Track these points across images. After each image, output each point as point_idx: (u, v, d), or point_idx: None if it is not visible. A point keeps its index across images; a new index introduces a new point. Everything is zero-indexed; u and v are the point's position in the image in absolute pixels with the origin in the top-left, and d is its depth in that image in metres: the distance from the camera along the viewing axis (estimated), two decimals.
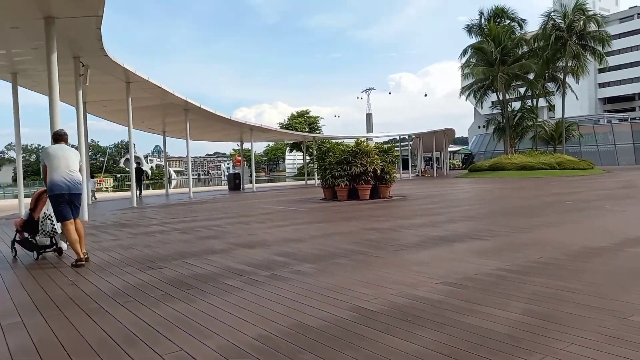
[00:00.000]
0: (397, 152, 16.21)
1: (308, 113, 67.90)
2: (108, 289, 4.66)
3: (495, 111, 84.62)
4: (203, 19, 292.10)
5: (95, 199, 22.71)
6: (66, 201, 5.94)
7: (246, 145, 33.09)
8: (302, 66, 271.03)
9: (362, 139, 15.77)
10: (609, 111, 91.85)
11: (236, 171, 36.78)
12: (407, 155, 48.30)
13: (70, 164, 6.03)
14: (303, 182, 38.18)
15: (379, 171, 15.50)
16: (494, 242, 6.57)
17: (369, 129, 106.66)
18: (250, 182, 29.87)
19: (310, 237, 7.69)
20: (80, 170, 6.22)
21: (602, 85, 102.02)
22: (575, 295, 3.86)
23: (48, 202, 6.15)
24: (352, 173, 15.25)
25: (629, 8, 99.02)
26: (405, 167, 44.56)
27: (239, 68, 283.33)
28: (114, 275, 5.27)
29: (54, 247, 6.52)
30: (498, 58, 34.36)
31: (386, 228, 8.37)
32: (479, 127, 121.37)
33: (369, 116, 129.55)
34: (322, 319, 3.49)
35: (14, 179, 74.64)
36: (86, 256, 6.07)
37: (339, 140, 17.31)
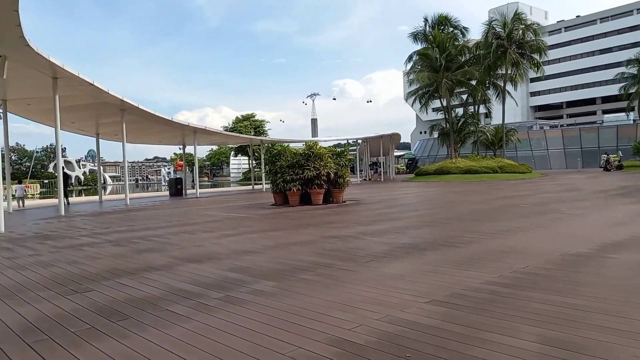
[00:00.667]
0: (350, 156, 15.63)
1: (254, 117, 66.58)
2: (15, 323, 3.62)
3: (438, 117, 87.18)
4: (142, 22, 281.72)
5: (23, 206, 20.57)
6: None
7: (188, 149, 31.54)
8: (246, 71, 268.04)
9: (314, 142, 15.08)
10: (540, 118, 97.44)
11: (178, 176, 35.03)
12: (354, 160, 48.40)
13: None
14: (250, 187, 37.01)
15: (332, 175, 14.88)
16: (467, 250, 6.06)
17: (314, 133, 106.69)
18: (193, 187, 28.38)
19: (266, 247, 6.86)
20: None
21: (533, 94, 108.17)
22: (587, 315, 3.32)
23: None
24: (305, 177, 14.53)
25: (557, 22, 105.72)
26: (352, 171, 44.53)
27: (180, 72, 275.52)
28: (27, 304, 4.21)
29: None
30: (443, 64, 35.02)
31: (348, 235, 7.70)
32: (421, 132, 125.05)
33: (314, 121, 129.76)
34: (294, 358, 2.71)
35: None
36: None
37: (287, 144, 16.65)
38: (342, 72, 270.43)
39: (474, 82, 38.14)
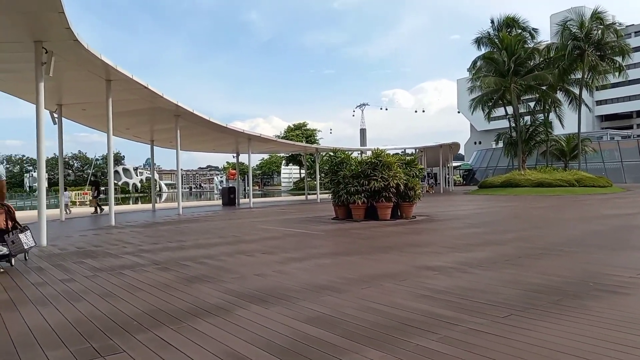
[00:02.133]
0: (421, 165, 13.83)
1: (305, 126, 65.86)
2: None
3: (495, 126, 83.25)
4: (197, 36, 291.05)
5: (69, 212, 20.28)
6: None
7: (241, 158, 30.74)
8: (296, 82, 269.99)
9: (381, 149, 13.43)
10: (606, 128, 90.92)
11: (230, 185, 34.36)
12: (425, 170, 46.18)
13: None
14: (302, 197, 35.78)
15: (402, 187, 13.16)
16: None
17: (363, 143, 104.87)
18: (246, 196, 27.42)
19: (346, 281, 5.28)
20: None
21: (599, 102, 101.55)
22: None
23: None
24: (372, 188, 12.90)
25: (626, 26, 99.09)
26: None
27: (233, 84, 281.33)
28: None
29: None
30: (511, 68, 32.41)
31: (449, 267, 5.98)
32: (476, 142, 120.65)
33: (362, 131, 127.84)
34: None
35: None
36: None
37: (350, 152, 15.18)
38: (391, 82, 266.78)
39: (544, 88, 35.12)
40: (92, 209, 22.03)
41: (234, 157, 30.70)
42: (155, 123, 20.50)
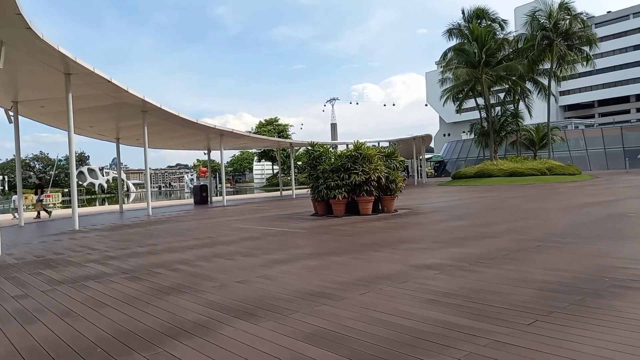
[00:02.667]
0: (400, 157, 13.44)
1: (277, 121, 64.95)
2: None
3: (464, 118, 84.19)
4: (165, 29, 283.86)
5: (15, 217, 19.10)
6: None
7: (213, 155, 29.84)
8: (266, 77, 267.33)
9: (361, 142, 12.96)
10: (569, 118, 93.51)
11: (202, 183, 33.38)
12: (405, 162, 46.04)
13: None
14: (277, 193, 35.09)
15: (383, 180, 12.73)
16: None
17: (334, 138, 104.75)
18: (219, 194, 26.56)
19: (342, 286, 4.76)
20: None
21: (562, 93, 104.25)
22: None
23: None
24: (352, 182, 12.42)
25: (586, 18, 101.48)
26: None
27: (202, 79, 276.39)
28: None
29: None
30: (482, 59, 32.52)
31: (447, 265, 5.53)
32: (444, 135, 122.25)
33: (333, 126, 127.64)
34: None
35: None
36: None
37: (328, 146, 14.61)
38: (361, 76, 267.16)
39: (514, 78, 35.44)
40: (35, 214, 19.85)
41: (205, 153, 29.75)
42: (120, 120, 19.48)
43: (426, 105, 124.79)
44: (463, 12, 36.40)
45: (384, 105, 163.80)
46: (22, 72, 13.25)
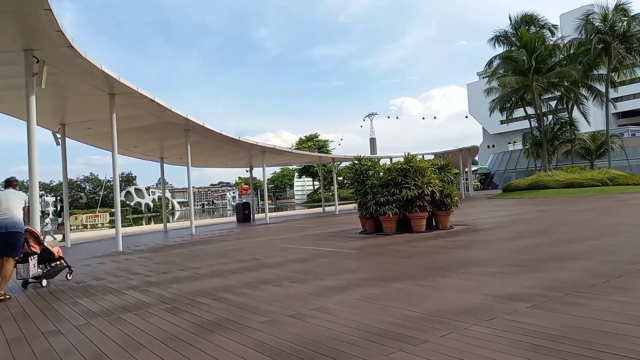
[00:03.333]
0: (455, 169, 12.49)
1: (317, 137, 64.78)
2: None
3: (507, 129, 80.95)
4: (208, 55, 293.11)
5: (54, 238, 19.30)
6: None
7: (255, 172, 29.69)
8: (305, 95, 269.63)
9: (412, 154, 12.11)
10: (624, 125, 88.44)
11: (244, 200, 33.27)
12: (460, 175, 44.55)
13: (10, 206, 6.69)
14: (319, 210, 34.47)
15: (437, 194, 11.82)
16: None
17: (373, 152, 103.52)
18: (261, 211, 26.19)
19: (413, 323, 3.97)
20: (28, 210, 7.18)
21: (615, 99, 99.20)
22: None
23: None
24: (404, 197, 11.58)
25: None
26: None
27: (243, 100, 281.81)
28: None
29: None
30: (533, 66, 30.96)
31: (538, 295, 4.62)
32: (489, 146, 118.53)
33: (372, 140, 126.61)
34: None
35: None
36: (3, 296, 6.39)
37: (377, 159, 13.82)
38: (399, 91, 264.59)
39: (567, 84, 33.56)
40: (61, 236, 18.90)
41: (247, 171, 29.61)
42: (164, 139, 19.48)
43: (466, 117, 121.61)
44: (510, 19, 35.07)
45: (423, 118, 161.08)
46: (68, 94, 13.32)
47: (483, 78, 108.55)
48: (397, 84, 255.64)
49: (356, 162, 13.19)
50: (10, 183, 7.21)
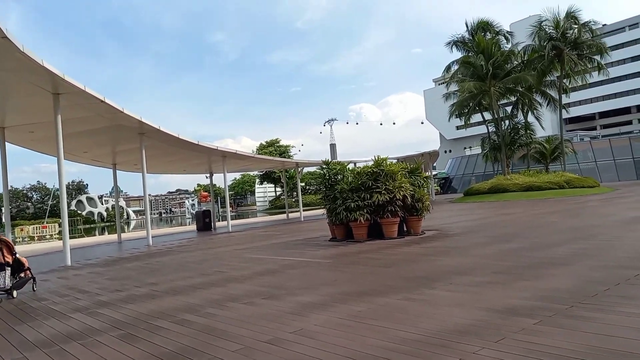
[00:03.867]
0: (426, 173, 12.14)
1: (278, 142, 63.97)
2: None
3: (463, 134, 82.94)
4: (163, 58, 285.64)
5: None
6: None
7: (215, 178, 28.65)
8: (264, 101, 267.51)
9: (382, 157, 11.70)
10: (571, 130, 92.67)
11: (204, 208, 32.11)
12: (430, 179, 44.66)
13: None
14: (282, 216, 33.73)
15: (409, 199, 11.45)
16: None
17: (334, 158, 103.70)
18: (222, 219, 25.20)
19: (413, 347, 3.44)
20: None
21: (565, 105, 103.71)
22: None
23: None
24: (375, 202, 11.13)
25: (602, 25, 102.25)
26: None
27: (200, 105, 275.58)
28: None
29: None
30: (490, 71, 31.54)
31: (541, 308, 4.20)
32: (445, 151, 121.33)
33: (332, 146, 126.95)
34: None
35: None
36: None
37: (345, 163, 13.06)
38: (357, 97, 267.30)
39: (522, 90, 34.45)
40: None
41: (207, 177, 28.53)
42: (117, 144, 18.28)
43: (422, 123, 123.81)
44: (467, 25, 35.67)
45: (380, 124, 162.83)
46: (7, 94, 12.13)
47: (440, 84, 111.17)
48: (354, 90, 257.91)
49: (324, 166, 12.65)
50: None
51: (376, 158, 11.68)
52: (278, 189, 76.36)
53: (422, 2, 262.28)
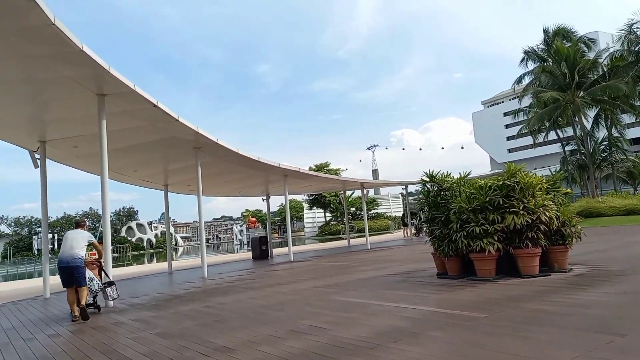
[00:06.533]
0: (565, 189, 9.02)
1: (328, 166, 61.77)
2: None
3: (515, 157, 77.80)
4: (211, 90, 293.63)
5: None
6: (67, 273, 7.89)
7: (260, 205, 26.32)
8: (305, 129, 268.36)
9: (516, 166, 8.79)
10: None
11: (259, 234, 29.84)
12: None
13: (74, 245, 8.05)
14: (340, 243, 30.96)
15: (556, 222, 8.44)
16: None
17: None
18: (283, 245, 22.63)
19: None
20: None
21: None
22: None
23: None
24: (509, 227, 8.20)
25: None
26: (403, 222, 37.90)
27: (245, 134, 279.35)
28: None
29: (94, 305, 8.68)
30: (576, 80, 27.99)
31: None
32: None
33: (375, 172, 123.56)
34: None
35: (4, 256, 67.44)
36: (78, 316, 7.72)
37: (455, 177, 10.23)
38: (398, 123, 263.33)
39: (612, 100, 30.51)
40: None
41: (263, 199, 26.26)
42: (169, 160, 16.24)
43: (462, 148, 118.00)
44: (544, 32, 32.32)
45: (420, 149, 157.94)
46: (46, 97, 10.19)
47: (489, 106, 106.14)
48: (396, 116, 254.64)
49: (426, 179, 9.86)
50: (78, 224, 8.82)
51: (510, 166, 8.77)
52: (327, 214, 73.67)
53: (459, 27, 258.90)
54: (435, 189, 9.60)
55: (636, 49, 28.21)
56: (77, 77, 9.07)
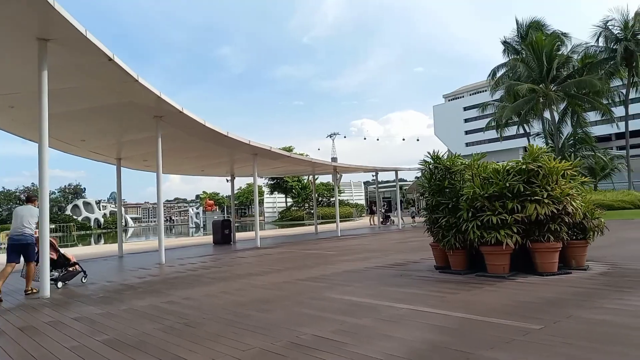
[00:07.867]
0: (583, 177, 8.01)
1: (291, 149, 60.16)
2: None
3: (471, 151, 78.75)
4: (171, 71, 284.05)
5: None
6: (16, 249, 7.88)
7: (215, 186, 24.57)
8: (266, 114, 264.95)
9: (539, 148, 7.72)
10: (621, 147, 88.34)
11: (220, 217, 28.08)
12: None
13: (24, 222, 7.94)
14: (306, 229, 29.70)
15: (580, 213, 7.45)
16: None
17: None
18: (240, 230, 21.06)
19: None
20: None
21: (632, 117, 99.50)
22: None
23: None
24: (530, 217, 7.12)
25: None
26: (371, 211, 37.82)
27: (206, 118, 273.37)
28: None
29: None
30: (553, 73, 27.72)
31: None
32: None
33: (334, 160, 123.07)
34: None
35: None
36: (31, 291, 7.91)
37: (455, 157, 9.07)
38: (359, 113, 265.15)
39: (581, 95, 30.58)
40: None
41: (227, 180, 24.51)
42: (125, 130, 14.27)
43: (418, 140, 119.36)
44: (517, 22, 31.97)
45: (377, 139, 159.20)
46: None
47: (450, 100, 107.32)
48: (357, 106, 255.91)
49: (428, 160, 8.64)
50: (29, 199, 8.54)
51: (532, 147, 7.67)
52: (289, 199, 72.17)
53: (425, 23, 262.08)
54: (441, 172, 8.39)
55: (611, 45, 28.25)
56: (13, 14, 7.18)
